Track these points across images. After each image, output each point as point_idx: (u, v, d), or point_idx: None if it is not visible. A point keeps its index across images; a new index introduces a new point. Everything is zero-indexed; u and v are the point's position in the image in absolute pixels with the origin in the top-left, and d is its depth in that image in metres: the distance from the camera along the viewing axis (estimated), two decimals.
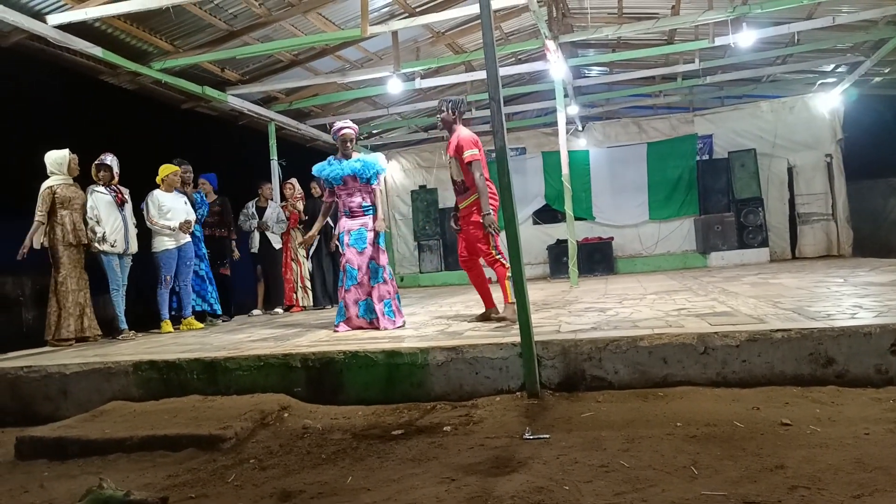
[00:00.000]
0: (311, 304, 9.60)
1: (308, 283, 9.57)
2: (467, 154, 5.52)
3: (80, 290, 6.70)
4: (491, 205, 5.49)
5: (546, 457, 2.97)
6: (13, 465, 3.75)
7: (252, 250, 9.47)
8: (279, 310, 9.32)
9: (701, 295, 6.62)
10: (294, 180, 9.86)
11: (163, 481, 3.17)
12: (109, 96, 10.80)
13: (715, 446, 2.93)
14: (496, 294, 5.85)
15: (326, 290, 9.54)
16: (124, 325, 7.05)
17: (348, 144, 6.05)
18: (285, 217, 9.56)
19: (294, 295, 9.45)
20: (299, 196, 9.77)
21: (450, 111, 5.71)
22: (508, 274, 5.48)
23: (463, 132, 5.67)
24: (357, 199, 6.00)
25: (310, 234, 6.53)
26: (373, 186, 6.05)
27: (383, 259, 5.97)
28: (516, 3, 7.66)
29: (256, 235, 9.40)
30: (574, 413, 3.64)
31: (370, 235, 5.92)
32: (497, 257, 5.60)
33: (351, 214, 6.01)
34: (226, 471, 3.22)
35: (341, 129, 6.07)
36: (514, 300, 5.47)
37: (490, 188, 5.56)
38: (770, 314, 4.63)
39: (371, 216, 5.99)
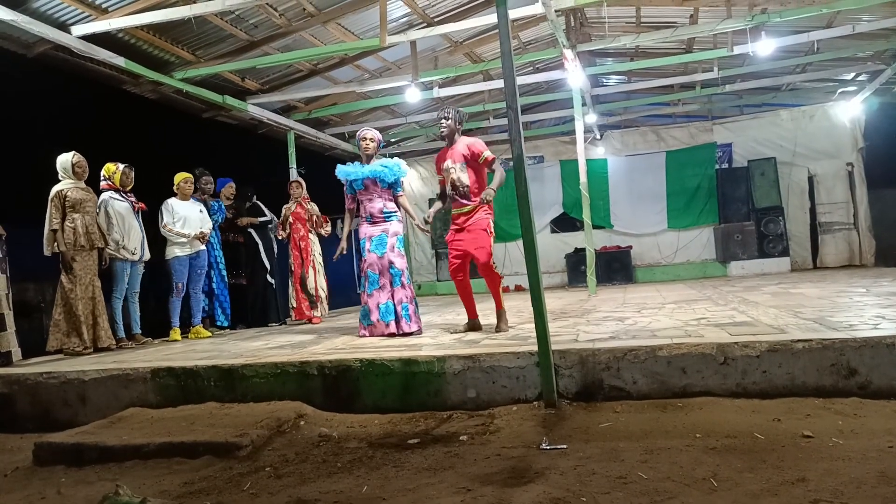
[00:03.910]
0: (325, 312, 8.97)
1: (321, 294, 8.77)
2: (487, 154, 5.63)
3: (90, 298, 6.51)
4: (492, 214, 5.69)
5: (563, 467, 2.94)
6: (31, 471, 3.77)
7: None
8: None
9: (720, 304, 6.56)
10: (301, 180, 9.21)
11: (179, 488, 3.18)
12: (131, 106, 10.92)
13: (735, 458, 2.89)
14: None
15: (255, 307, 8.87)
16: (122, 334, 7.03)
17: (369, 149, 6.11)
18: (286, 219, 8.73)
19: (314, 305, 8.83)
20: (307, 196, 9.01)
21: (456, 121, 5.73)
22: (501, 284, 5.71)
23: (468, 139, 5.76)
24: (378, 205, 6.06)
25: (342, 244, 6.38)
26: (397, 194, 6.14)
27: (402, 264, 6.04)
28: (534, 13, 7.66)
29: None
30: (592, 423, 3.61)
31: (391, 241, 5.99)
32: (494, 263, 5.66)
33: (372, 220, 6.07)
34: (241, 478, 3.22)
35: (363, 134, 6.16)
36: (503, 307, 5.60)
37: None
38: (791, 324, 4.58)
39: (392, 222, 6.07)
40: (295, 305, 8.71)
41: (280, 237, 8.80)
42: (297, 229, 8.59)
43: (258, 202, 9.12)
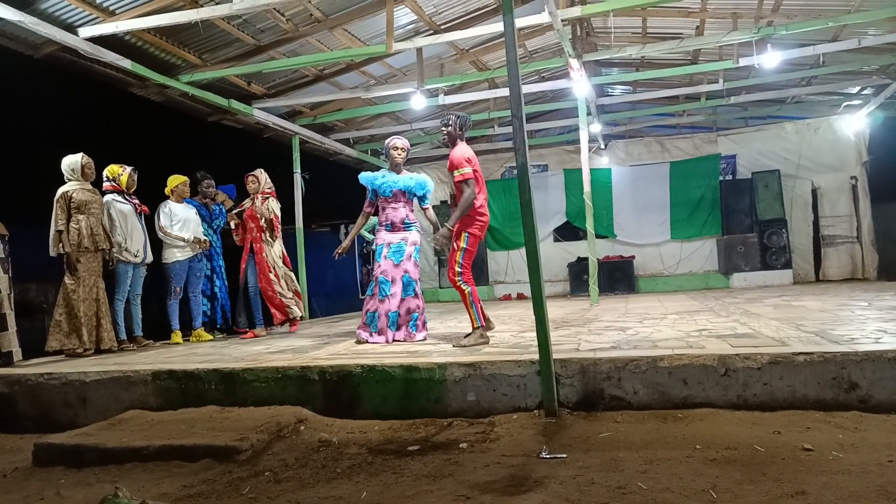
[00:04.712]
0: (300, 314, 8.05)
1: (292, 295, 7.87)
2: (457, 174, 5.43)
3: (94, 300, 6.51)
4: (473, 228, 5.46)
5: (563, 477, 2.94)
6: (31, 472, 3.77)
7: None
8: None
9: (722, 316, 6.56)
10: (260, 172, 7.96)
11: (178, 491, 3.18)
12: (137, 108, 10.98)
13: (735, 470, 2.89)
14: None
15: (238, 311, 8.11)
16: (123, 336, 7.03)
17: (400, 157, 6.18)
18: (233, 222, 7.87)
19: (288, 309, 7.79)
20: (270, 191, 7.92)
21: (456, 127, 5.65)
22: (470, 299, 5.40)
23: (458, 150, 5.54)
24: (401, 214, 6.11)
25: (345, 243, 6.35)
26: (425, 207, 6.26)
27: (416, 274, 6.10)
28: (540, 22, 7.68)
29: None
30: (592, 433, 3.61)
31: (408, 250, 6.05)
32: (457, 279, 5.43)
33: (392, 228, 6.10)
34: (241, 483, 3.22)
35: (395, 143, 6.21)
36: (481, 325, 5.39)
37: (481, 211, 5.51)
38: (792, 337, 4.57)
39: (411, 232, 6.13)
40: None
41: (238, 242, 7.97)
42: (250, 230, 7.72)
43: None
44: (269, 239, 7.71)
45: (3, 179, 12.56)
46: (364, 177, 6.21)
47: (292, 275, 8.00)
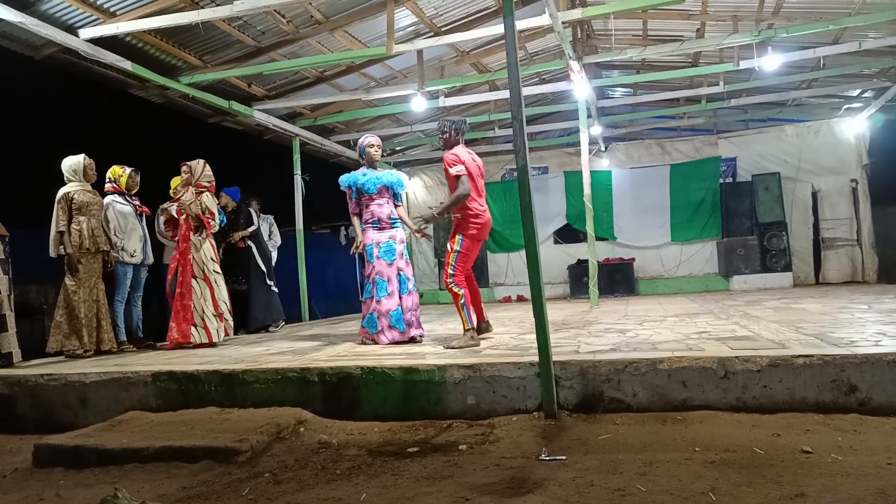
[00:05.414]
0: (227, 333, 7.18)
1: (223, 308, 7.00)
2: (451, 171, 5.56)
3: (94, 301, 6.50)
4: (468, 231, 5.63)
5: (562, 479, 2.94)
6: (30, 473, 3.77)
7: None
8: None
9: (722, 318, 6.56)
10: (197, 161, 7.22)
11: (177, 493, 3.18)
12: (137, 109, 10.98)
13: (734, 472, 2.89)
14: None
15: (252, 311, 8.39)
16: (123, 337, 7.03)
17: (377, 155, 6.24)
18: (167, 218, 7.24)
19: (192, 327, 6.72)
20: (208, 184, 7.11)
21: (452, 131, 5.74)
22: (462, 301, 5.48)
23: (455, 149, 5.69)
24: (387, 210, 6.12)
25: (357, 239, 6.19)
26: (397, 204, 6.26)
27: (409, 271, 6.14)
28: (541, 24, 7.69)
29: None
30: (591, 435, 3.61)
31: (399, 248, 6.08)
32: (450, 282, 5.54)
33: (379, 226, 6.09)
34: (240, 484, 3.22)
35: (370, 141, 6.24)
36: (470, 327, 5.44)
37: (476, 213, 5.64)
38: (792, 339, 4.57)
39: (398, 229, 6.16)
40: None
41: (169, 239, 7.44)
42: (180, 226, 6.99)
43: (252, 209, 9.09)
44: (196, 240, 6.88)
45: (3, 180, 12.58)
46: (345, 178, 6.22)
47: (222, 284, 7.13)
